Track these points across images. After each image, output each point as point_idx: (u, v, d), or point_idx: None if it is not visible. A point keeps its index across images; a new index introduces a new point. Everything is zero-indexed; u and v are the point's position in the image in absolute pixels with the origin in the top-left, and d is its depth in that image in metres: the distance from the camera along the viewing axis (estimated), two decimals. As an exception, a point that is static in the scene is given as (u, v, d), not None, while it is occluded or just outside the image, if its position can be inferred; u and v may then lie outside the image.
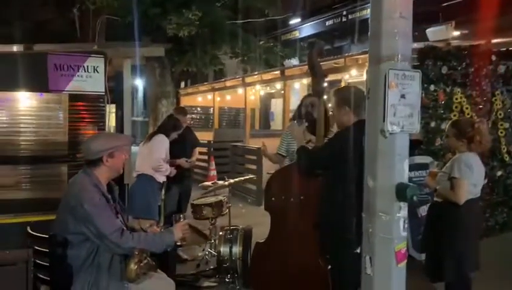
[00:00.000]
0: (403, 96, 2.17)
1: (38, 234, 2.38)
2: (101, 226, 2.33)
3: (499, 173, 5.77)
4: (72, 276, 2.35)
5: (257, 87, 10.15)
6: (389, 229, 2.18)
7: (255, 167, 8.37)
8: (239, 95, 11.24)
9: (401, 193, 2.14)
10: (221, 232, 4.36)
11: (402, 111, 2.16)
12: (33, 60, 4.22)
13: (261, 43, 9.94)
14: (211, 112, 13.18)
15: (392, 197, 2.16)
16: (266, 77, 9.39)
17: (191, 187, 5.47)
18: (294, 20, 15.78)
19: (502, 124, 5.72)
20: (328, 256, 2.90)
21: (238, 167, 9.12)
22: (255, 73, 10.06)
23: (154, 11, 7.53)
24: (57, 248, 2.35)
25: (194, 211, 4.80)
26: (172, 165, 4.84)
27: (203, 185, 4.95)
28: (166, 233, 2.59)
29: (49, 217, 2.65)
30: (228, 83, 11.04)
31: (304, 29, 15.29)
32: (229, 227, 4.36)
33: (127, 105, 4.88)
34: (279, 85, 9.38)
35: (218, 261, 4.28)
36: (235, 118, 14.28)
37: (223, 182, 4.43)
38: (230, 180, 4.48)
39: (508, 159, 5.77)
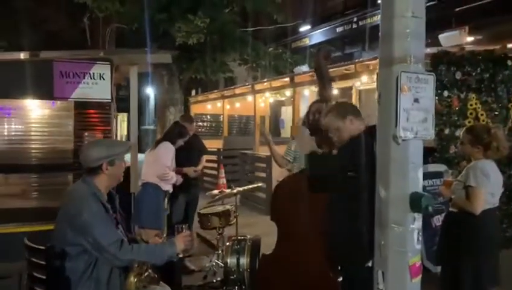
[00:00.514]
0: (416, 100, 2.05)
1: (34, 245, 2.28)
2: (99, 237, 2.24)
3: (517, 182, 5.57)
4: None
5: (267, 94, 10.06)
6: (402, 242, 2.05)
7: (264, 174, 8.25)
8: (249, 102, 11.16)
9: (415, 203, 2.02)
10: (228, 243, 4.24)
11: (415, 116, 2.05)
12: (39, 67, 4.19)
13: (270, 50, 9.85)
14: (220, 119, 13.12)
15: (406, 207, 2.03)
16: (276, 84, 9.30)
17: (198, 196, 5.37)
18: (304, 28, 15.69)
19: (518, 131, 5.53)
20: (338, 269, 2.76)
21: (248, 175, 9.02)
22: (264, 80, 9.97)
23: (160, 17, 7.51)
24: (54, 260, 2.26)
25: (200, 220, 4.70)
26: (179, 173, 4.75)
27: (210, 193, 4.84)
28: (168, 244, 2.48)
29: (51, 227, 2.56)
30: (237, 91, 10.97)
31: (314, 36, 15.19)
32: (236, 237, 4.23)
33: (134, 113, 4.82)
34: (288, 92, 9.28)
35: (225, 273, 4.16)
36: (245, 126, 14.20)
37: (230, 191, 4.32)
38: (238, 188, 4.36)
39: (526, 167, 5.57)
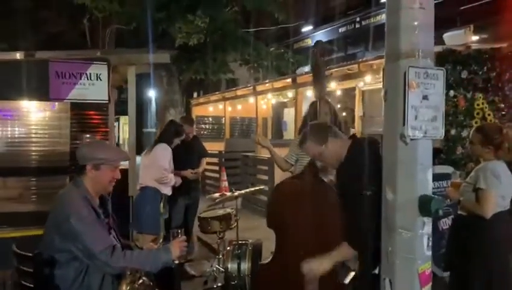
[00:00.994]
0: (425, 97, 1.93)
1: (23, 252, 2.16)
2: (89, 244, 2.12)
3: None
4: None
5: (269, 96, 9.94)
6: (411, 248, 1.92)
7: (266, 177, 8.13)
8: (250, 104, 11.05)
9: (425, 206, 1.89)
10: (228, 247, 4.12)
11: (424, 114, 1.92)
12: (34, 67, 4.08)
13: (272, 50, 9.69)
14: (222, 122, 13.01)
15: (414, 211, 1.91)
16: (277, 85, 9.17)
17: (198, 199, 5.24)
18: (307, 28, 15.56)
19: (527, 131, 5.38)
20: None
21: (250, 177, 8.90)
22: (266, 81, 9.85)
23: (159, 16, 7.40)
24: (42, 268, 2.14)
25: (201, 224, 4.58)
26: (178, 176, 4.63)
27: (211, 197, 4.72)
28: (162, 251, 2.36)
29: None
30: (239, 92, 10.85)
31: (316, 36, 15.04)
32: (237, 241, 4.11)
33: (132, 115, 4.70)
34: (291, 93, 9.16)
35: (225, 278, 4.03)
36: (247, 128, 14.08)
37: (231, 194, 4.20)
38: (239, 191, 4.24)
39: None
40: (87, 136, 4.30)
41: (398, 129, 1.90)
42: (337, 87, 8.78)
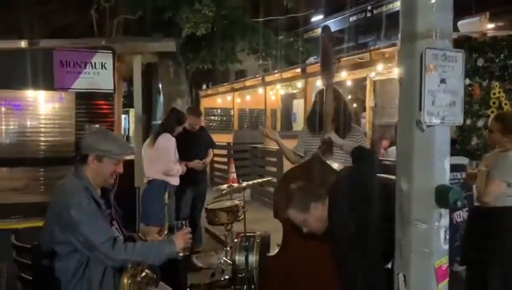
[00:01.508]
0: (443, 81, 1.80)
1: (21, 244, 2.09)
2: (90, 235, 2.04)
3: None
4: (58, 292, 2.06)
5: (278, 86, 9.79)
6: (426, 241, 1.81)
7: (275, 169, 8.03)
8: (259, 95, 10.92)
9: (442, 197, 1.77)
10: (236, 239, 4.04)
11: (442, 99, 1.80)
12: (38, 56, 4.01)
13: (281, 38, 9.49)
14: (231, 113, 12.90)
15: (431, 202, 1.79)
16: (286, 75, 9.00)
17: (205, 191, 5.16)
18: (317, 17, 15.29)
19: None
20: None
21: (258, 169, 8.81)
22: (274, 71, 9.70)
23: (164, 2, 7.27)
24: (41, 260, 2.07)
25: (208, 216, 4.50)
26: (184, 166, 4.54)
27: (218, 188, 4.64)
28: (166, 243, 2.28)
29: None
30: (248, 83, 10.71)
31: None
32: (244, 233, 4.02)
33: (138, 105, 4.62)
34: (300, 84, 8.99)
35: (233, 271, 3.96)
36: (256, 120, 13.96)
37: (238, 185, 4.10)
38: (245, 183, 4.14)
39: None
40: (96, 126, 4.22)
41: (414, 115, 1.78)
42: (347, 77, 8.60)
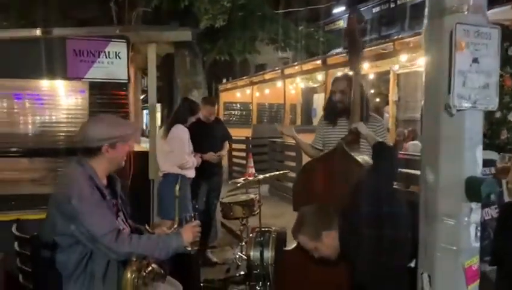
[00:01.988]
0: (475, 60, 1.61)
1: (21, 235, 2.01)
2: (91, 226, 1.94)
3: None
4: (59, 286, 1.97)
5: (297, 80, 9.58)
6: (455, 238, 1.63)
7: (294, 163, 7.87)
8: (279, 90, 10.74)
9: (473, 189, 1.59)
10: (251, 234, 3.91)
11: (474, 80, 1.61)
12: (51, 45, 3.94)
13: (300, 28, 9.22)
14: (250, 108, 12.76)
15: (460, 195, 1.61)
16: (306, 67, 8.78)
17: (221, 184, 5.04)
18: (338, 9, 14.92)
19: None
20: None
21: (277, 163, 8.66)
22: (294, 64, 9.49)
23: None
24: (41, 252, 1.98)
25: (223, 210, 4.38)
26: (199, 158, 4.43)
27: (234, 181, 4.52)
28: (173, 236, 2.16)
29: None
30: (267, 76, 10.54)
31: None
32: (259, 228, 3.89)
33: (153, 95, 4.51)
34: (321, 76, 8.75)
35: (248, 267, 3.84)
36: (275, 114, 13.80)
37: (253, 178, 3.96)
38: (261, 175, 4.01)
39: None
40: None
41: (442, 98, 1.60)
42: (369, 70, 8.35)
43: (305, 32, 9.13)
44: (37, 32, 4.08)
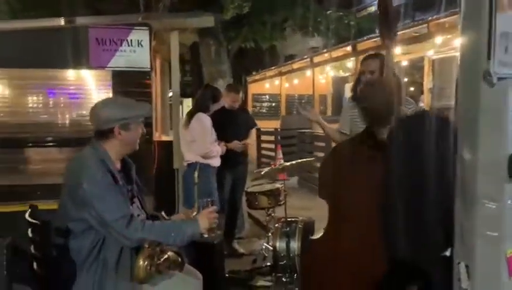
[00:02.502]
0: (520, 21, 1.42)
1: (33, 220, 1.95)
2: (102, 211, 1.86)
3: None
4: (70, 273, 1.90)
5: (327, 68, 9.33)
6: (496, 224, 1.44)
7: (323, 154, 7.67)
8: (308, 80, 10.51)
9: (518, 168, 1.41)
10: (277, 225, 3.79)
11: (519, 44, 1.41)
12: (74, 34, 3.94)
13: (329, 12, 8.88)
14: (279, 99, 12.60)
15: (503, 175, 1.41)
16: (336, 54, 8.51)
17: (246, 174, 4.91)
18: (371, -6, 14.46)
19: None
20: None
21: (306, 155, 8.48)
22: (323, 51, 9.22)
23: None
24: (54, 238, 1.93)
25: (248, 199, 4.27)
26: (225, 147, 4.34)
27: (258, 170, 4.40)
28: (189, 222, 2.06)
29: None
30: (295, 66, 10.33)
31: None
32: (285, 219, 3.76)
33: (176, 83, 4.46)
34: (351, 63, 8.47)
35: (274, 258, 3.72)
36: (305, 106, 13.58)
37: (277, 166, 3.83)
38: (285, 163, 3.87)
39: None
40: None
41: (481, 66, 1.41)
42: (402, 58, 8.01)
43: (334, 17, 8.80)
44: (61, 22, 4.08)
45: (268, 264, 4.10)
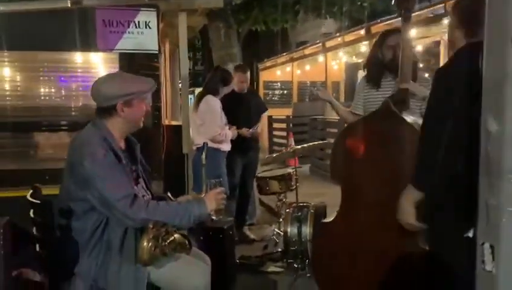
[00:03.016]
0: (553, -22, 1.28)
1: (33, 200, 1.89)
2: (104, 191, 1.79)
3: None
4: (73, 255, 1.84)
5: (340, 54, 9.12)
6: (524, 202, 1.34)
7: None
8: (320, 66, 10.30)
9: (550, 141, 1.28)
10: (288, 210, 3.70)
11: (552, 3, 1.28)
12: (80, 16, 3.86)
13: None
14: (291, 86, 12.43)
15: (532, 148, 1.31)
16: (349, 38, 8.29)
17: (257, 160, 4.80)
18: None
19: None
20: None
21: (318, 141, 8.34)
22: (336, 35, 9.01)
23: None
24: (56, 219, 1.87)
25: (259, 184, 4.19)
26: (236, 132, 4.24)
27: (269, 156, 4.31)
28: (195, 203, 1.98)
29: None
30: (307, 51, 10.13)
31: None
32: (297, 203, 3.66)
33: (184, 68, 4.36)
34: (364, 47, 8.25)
35: (285, 243, 3.65)
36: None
37: (288, 150, 3.73)
38: (296, 146, 3.76)
39: None
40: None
41: (509, 30, 1.29)
42: (417, 42, 7.77)
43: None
44: (67, 3, 4.00)
45: (280, 250, 4.03)
